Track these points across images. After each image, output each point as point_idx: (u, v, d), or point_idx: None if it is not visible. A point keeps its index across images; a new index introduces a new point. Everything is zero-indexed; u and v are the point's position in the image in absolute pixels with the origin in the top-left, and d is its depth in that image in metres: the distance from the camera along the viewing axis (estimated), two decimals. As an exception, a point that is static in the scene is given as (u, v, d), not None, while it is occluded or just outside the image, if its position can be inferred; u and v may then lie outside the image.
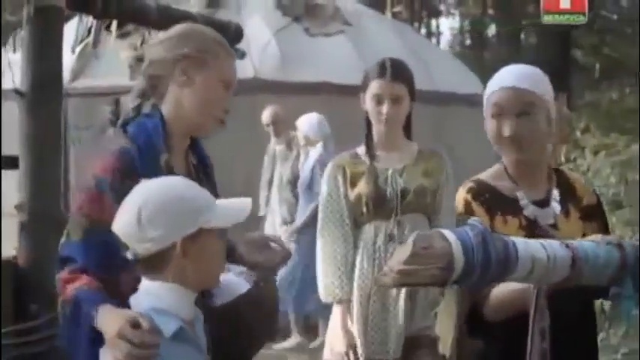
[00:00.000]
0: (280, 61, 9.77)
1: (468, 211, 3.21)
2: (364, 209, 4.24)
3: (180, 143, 2.94)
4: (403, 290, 4.14)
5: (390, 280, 2.57)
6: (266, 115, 8.83)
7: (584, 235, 3.05)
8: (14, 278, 5.27)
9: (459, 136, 9.46)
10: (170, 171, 2.81)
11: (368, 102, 4.37)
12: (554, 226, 3.14)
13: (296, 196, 8.56)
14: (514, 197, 3.18)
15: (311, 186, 8.24)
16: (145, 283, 2.55)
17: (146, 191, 2.52)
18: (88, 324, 2.53)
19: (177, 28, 3.00)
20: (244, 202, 2.68)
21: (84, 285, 2.59)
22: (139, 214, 2.47)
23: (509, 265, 2.65)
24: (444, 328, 2.68)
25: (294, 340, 8.56)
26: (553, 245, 2.77)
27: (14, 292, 5.21)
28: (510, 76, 3.15)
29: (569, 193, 3.20)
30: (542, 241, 2.80)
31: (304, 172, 8.39)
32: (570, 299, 2.96)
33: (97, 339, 2.52)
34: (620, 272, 2.85)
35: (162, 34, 3.03)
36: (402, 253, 2.55)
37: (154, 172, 2.71)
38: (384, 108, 4.29)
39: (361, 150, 4.40)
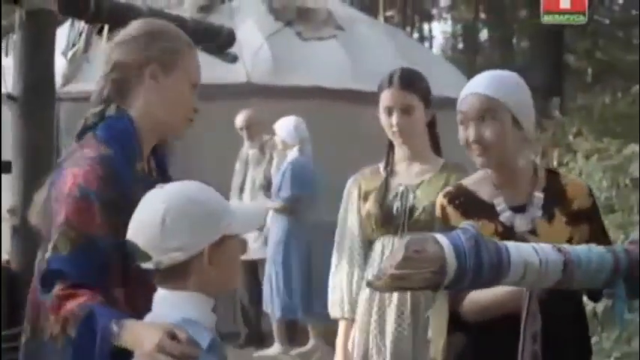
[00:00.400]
0: (272, 66, 9.73)
1: (443, 216, 3.25)
2: (373, 226, 4.07)
3: (148, 147, 2.84)
4: (408, 318, 4.00)
5: (383, 284, 2.57)
6: (239, 119, 8.73)
7: (570, 240, 3.05)
8: (7, 282, 5.27)
9: (452, 140, 9.45)
10: (145, 176, 2.75)
11: (381, 114, 4.12)
12: (533, 231, 3.13)
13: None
14: (492, 202, 3.20)
15: (281, 189, 8.22)
16: (166, 294, 2.47)
17: (168, 199, 2.44)
18: (106, 339, 2.41)
19: (140, 27, 2.83)
20: (260, 208, 2.66)
21: (90, 300, 2.47)
22: (162, 223, 2.39)
23: (502, 269, 2.66)
24: (436, 330, 2.69)
25: (275, 348, 8.51)
26: (545, 249, 2.78)
27: (7, 296, 5.21)
28: (475, 82, 3.18)
29: (557, 196, 3.18)
30: (534, 245, 2.81)
31: (277, 177, 8.36)
32: (562, 302, 2.98)
33: (116, 354, 2.41)
34: (613, 276, 2.86)
35: (123, 33, 2.83)
36: (394, 257, 2.55)
37: (131, 178, 2.65)
38: (394, 119, 4.04)
39: (382, 164, 4.20)
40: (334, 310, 4.16)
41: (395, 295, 3.94)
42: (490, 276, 2.65)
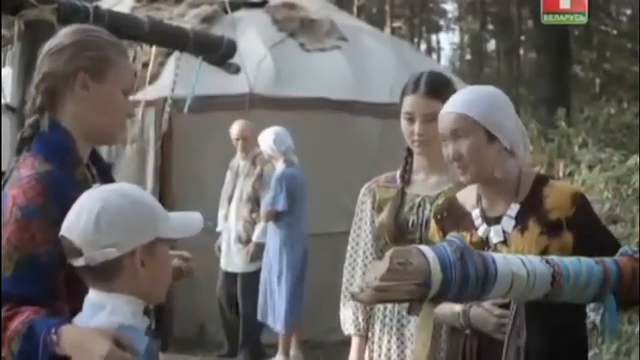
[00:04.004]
0: (275, 77, 9.71)
1: (431, 227, 3.36)
2: (387, 239, 3.83)
3: (85, 153, 2.84)
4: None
5: (366, 297, 2.56)
6: (235, 130, 8.67)
7: (546, 250, 3.03)
8: None
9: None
10: (86, 182, 2.73)
11: (401, 121, 3.83)
12: (505, 242, 3.14)
13: (253, 215, 8.53)
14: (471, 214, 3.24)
15: (274, 202, 8.23)
16: (101, 297, 2.46)
17: (104, 196, 2.45)
18: (47, 349, 2.39)
19: (70, 35, 2.78)
20: (196, 216, 2.65)
21: (32, 314, 2.46)
22: (98, 219, 2.40)
23: (488, 281, 2.65)
24: (420, 343, 2.67)
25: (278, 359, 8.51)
26: (533, 261, 2.77)
27: None
28: (447, 103, 3.25)
29: (534, 207, 3.16)
30: (522, 257, 2.80)
31: (270, 190, 8.30)
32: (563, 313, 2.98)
33: None
34: (602, 288, 2.85)
35: (52, 43, 2.81)
36: (378, 269, 2.54)
37: (72, 189, 2.61)
38: (416, 127, 3.77)
39: (399, 172, 3.95)
40: (347, 326, 3.97)
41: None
42: (476, 288, 2.63)
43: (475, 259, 2.63)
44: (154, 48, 8.25)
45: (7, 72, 6.51)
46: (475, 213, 3.20)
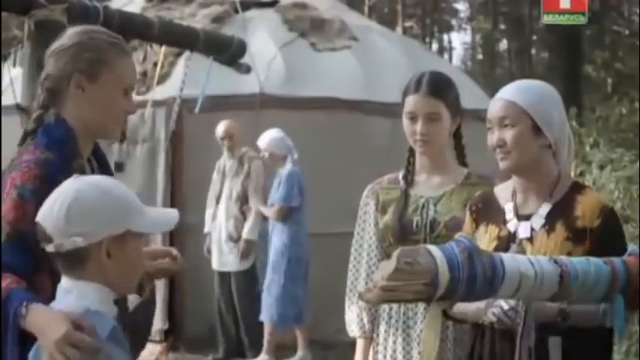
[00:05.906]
0: (286, 76, 9.70)
1: (466, 219, 3.34)
2: (391, 239, 3.81)
3: (85, 149, 2.99)
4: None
5: (374, 297, 2.56)
6: (220, 130, 8.66)
7: (568, 256, 3.00)
8: None
9: (467, 150, 9.37)
10: (83, 173, 2.83)
11: (403, 120, 3.82)
12: (530, 239, 3.11)
13: (243, 213, 8.53)
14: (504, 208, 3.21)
15: (287, 199, 8.26)
16: (70, 283, 2.54)
17: (80, 187, 2.52)
18: (16, 321, 2.52)
19: (71, 37, 2.95)
20: (172, 212, 2.70)
21: (12, 283, 2.60)
22: (69, 208, 2.47)
23: (496, 281, 2.65)
24: (428, 342, 2.67)
25: (262, 359, 8.46)
26: (541, 261, 2.76)
27: None
28: (501, 90, 3.23)
29: (565, 211, 3.13)
30: (530, 257, 2.80)
31: (281, 188, 8.31)
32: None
33: (24, 338, 2.52)
34: (610, 289, 2.84)
35: (57, 44, 2.96)
36: (385, 269, 2.54)
37: (68, 175, 2.70)
38: (418, 127, 3.76)
39: (402, 174, 3.94)
40: (352, 328, 3.94)
41: (419, 313, 3.74)
42: (484, 288, 2.63)
43: (483, 259, 2.63)
44: (163, 48, 8.26)
45: (18, 72, 6.54)
46: (508, 207, 3.18)
